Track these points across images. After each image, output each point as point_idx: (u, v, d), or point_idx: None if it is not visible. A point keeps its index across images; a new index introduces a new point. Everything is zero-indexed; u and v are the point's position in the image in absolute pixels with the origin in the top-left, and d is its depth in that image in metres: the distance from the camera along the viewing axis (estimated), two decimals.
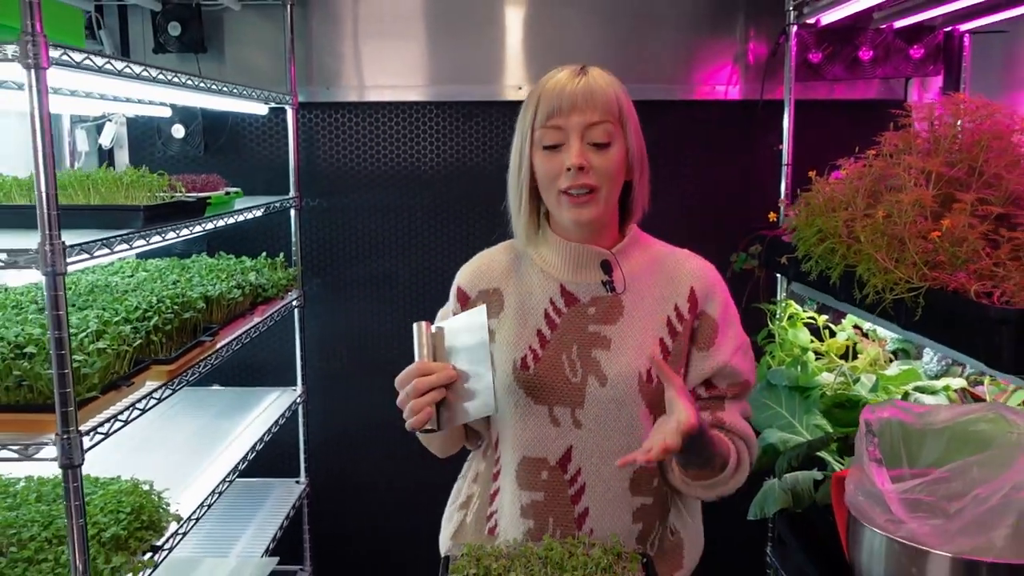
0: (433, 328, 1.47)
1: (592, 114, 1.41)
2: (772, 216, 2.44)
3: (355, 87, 3.17)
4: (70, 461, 1.51)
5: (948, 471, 1.14)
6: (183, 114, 3.06)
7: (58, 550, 1.62)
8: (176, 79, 1.98)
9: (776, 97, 2.99)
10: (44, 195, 1.43)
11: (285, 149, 3.16)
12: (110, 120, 3.02)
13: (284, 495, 3.05)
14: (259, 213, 2.66)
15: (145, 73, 1.77)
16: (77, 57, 1.51)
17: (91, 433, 1.57)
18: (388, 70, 3.17)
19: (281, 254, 3.02)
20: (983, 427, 1.25)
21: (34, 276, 2.01)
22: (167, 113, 3.03)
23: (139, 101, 2.80)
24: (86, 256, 1.57)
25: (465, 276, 1.62)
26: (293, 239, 3.12)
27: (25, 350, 1.56)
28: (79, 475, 1.53)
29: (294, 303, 3.05)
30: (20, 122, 2.78)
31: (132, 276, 2.42)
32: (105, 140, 3.02)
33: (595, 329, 1.48)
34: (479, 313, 1.44)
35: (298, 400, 3.12)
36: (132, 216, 1.80)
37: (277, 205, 2.88)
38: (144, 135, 3.17)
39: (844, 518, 1.29)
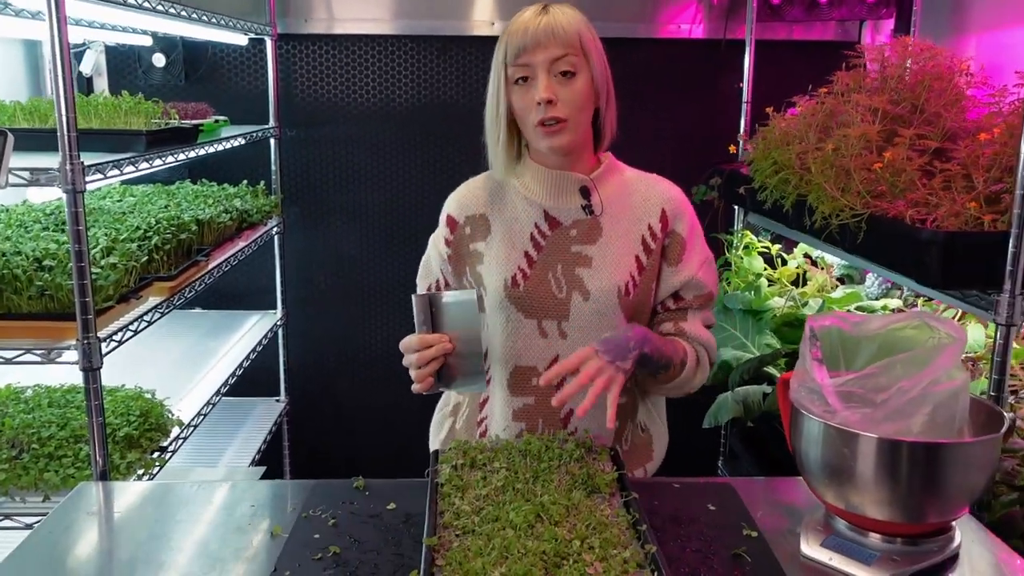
0: (425, 292, 1.62)
1: (555, 49, 1.54)
2: (732, 148, 2.60)
3: (332, 19, 3.24)
4: (90, 364, 1.65)
5: (876, 367, 1.33)
6: (164, 43, 3.12)
7: (76, 447, 1.77)
8: (162, 7, 2.05)
9: (738, 37, 3.13)
10: (64, 119, 1.54)
11: (263, 80, 3.23)
12: (90, 48, 3.07)
13: (266, 412, 3.21)
14: (243, 141, 2.75)
15: (146, 4, 1.86)
16: None
17: (107, 340, 1.70)
18: (364, 2, 3.24)
19: (261, 182, 3.12)
20: (910, 333, 1.43)
21: (48, 194, 2.11)
22: (148, 42, 3.08)
23: (121, 29, 2.85)
24: (100, 176, 1.68)
25: (453, 204, 1.75)
26: (273, 168, 3.22)
27: (44, 263, 1.68)
28: (98, 377, 1.66)
29: (274, 230, 3.17)
30: (1, 48, 2.83)
31: (121, 200, 2.51)
32: (86, 68, 3.06)
33: (577, 249, 1.64)
34: (469, 295, 1.57)
35: (278, 323, 3.26)
36: (135, 140, 1.91)
37: (258, 134, 2.98)
38: (124, 63, 3.22)
39: (788, 413, 1.48)
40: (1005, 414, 1.35)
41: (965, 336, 1.36)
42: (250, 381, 3.05)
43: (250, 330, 3.09)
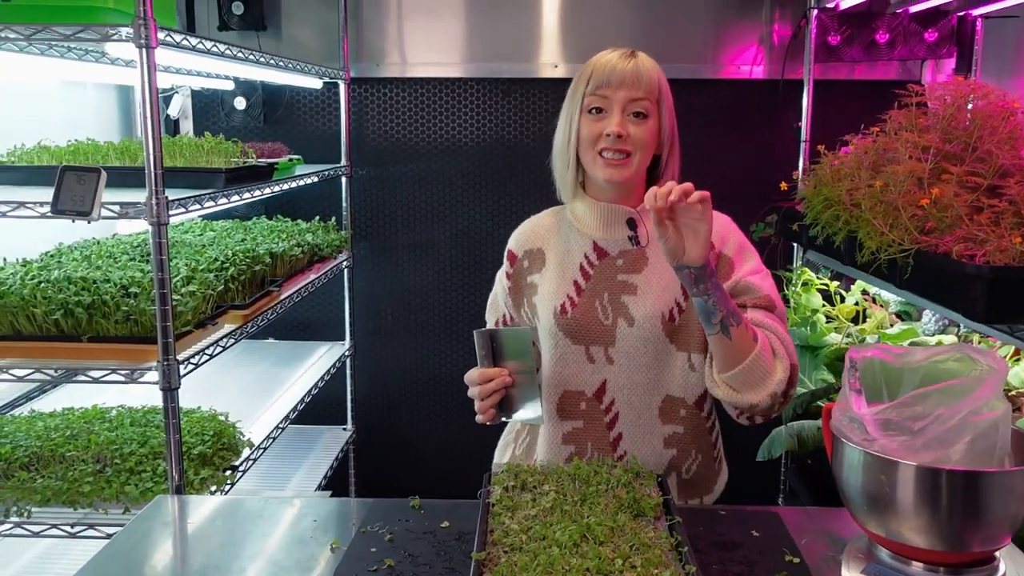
0: (486, 328, 1.75)
1: (636, 91, 1.64)
2: (784, 185, 2.63)
3: (403, 64, 3.40)
4: (169, 384, 1.77)
5: (911, 396, 1.36)
6: (244, 87, 3.31)
7: (154, 463, 1.89)
8: (242, 54, 2.20)
9: (797, 77, 3.18)
10: (152, 157, 1.68)
11: (336, 121, 3.40)
12: (177, 92, 3.28)
13: (332, 440, 3.32)
14: (316, 179, 2.90)
15: (229, 52, 2.01)
16: (177, 38, 1.76)
17: (185, 363, 1.82)
18: (432, 47, 3.40)
19: (332, 218, 3.27)
20: (952, 365, 1.45)
21: (135, 227, 2.26)
22: (230, 87, 3.28)
23: (206, 75, 3.05)
24: (182, 210, 1.82)
25: (514, 239, 1.86)
26: (344, 204, 3.37)
27: (130, 290, 1.82)
28: (176, 397, 1.79)
29: (344, 264, 3.30)
30: (97, 92, 3.04)
31: (202, 234, 2.67)
32: (173, 111, 3.27)
33: (623, 278, 1.71)
34: (524, 330, 1.69)
35: (346, 353, 3.38)
36: (215, 178, 2.05)
37: (330, 173, 3.13)
38: (208, 107, 3.42)
39: (830, 441, 1.51)
40: None
41: (1006, 367, 1.38)
42: (318, 410, 3.17)
43: (319, 360, 3.22)
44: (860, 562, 1.40)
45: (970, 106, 2.09)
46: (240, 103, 3.33)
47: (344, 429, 3.45)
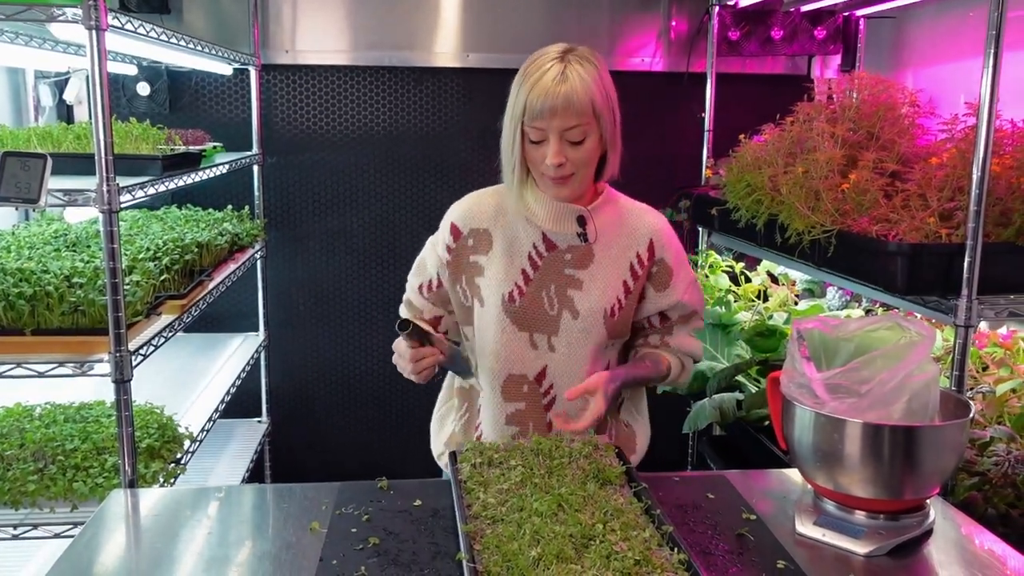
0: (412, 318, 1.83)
1: (568, 119, 1.67)
2: (708, 172, 2.76)
3: (313, 51, 3.37)
4: (122, 376, 1.73)
5: (858, 362, 1.50)
6: (148, 72, 3.20)
7: (101, 459, 1.83)
8: (167, 37, 2.11)
9: (697, 70, 3.35)
10: (102, 143, 1.64)
11: (243, 108, 3.33)
12: (74, 75, 3.13)
13: (248, 433, 3.27)
14: (234, 167, 2.84)
15: (165, 36, 1.96)
16: (123, 20, 1.71)
17: (134, 354, 1.78)
18: (344, 35, 3.38)
19: (245, 207, 3.21)
20: (883, 333, 1.61)
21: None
22: (132, 71, 3.16)
23: (109, 57, 2.92)
24: (130, 197, 1.77)
25: (458, 214, 1.86)
26: (256, 193, 3.31)
27: (73, 280, 1.76)
28: (129, 389, 1.74)
29: (257, 254, 3.25)
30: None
31: None
32: (70, 96, 3.12)
33: (570, 272, 1.80)
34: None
35: (262, 345, 3.33)
36: (152, 165, 2.00)
37: (244, 161, 3.07)
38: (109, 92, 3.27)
39: (778, 408, 1.64)
40: (971, 402, 1.53)
41: (934, 334, 1.54)
42: (232, 402, 3.10)
43: (236, 352, 3.16)
44: (811, 515, 1.54)
45: (856, 96, 2.28)
46: (144, 88, 3.21)
47: (259, 421, 3.40)
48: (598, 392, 1.70)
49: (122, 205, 1.73)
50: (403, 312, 1.93)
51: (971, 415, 1.51)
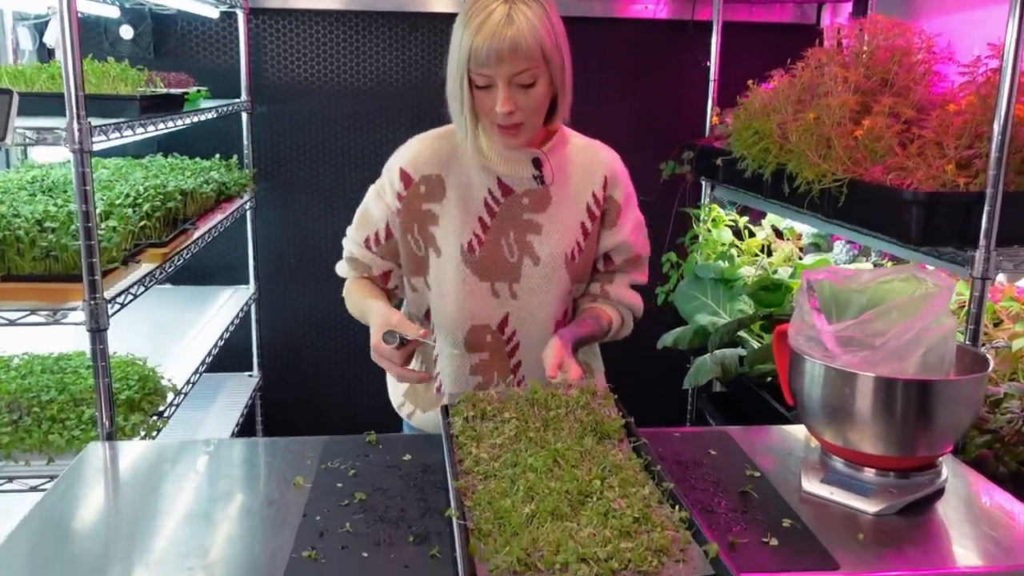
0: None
1: (517, 64, 1.56)
2: (715, 120, 2.65)
3: None
4: (98, 325, 1.65)
5: (872, 314, 1.42)
6: (132, 15, 3.08)
7: (79, 411, 1.76)
8: None
9: (699, 18, 3.23)
10: (72, 79, 1.54)
11: (231, 55, 3.22)
12: (53, 16, 3.01)
13: (239, 387, 3.20)
14: (220, 113, 2.74)
15: None
16: None
17: (111, 303, 1.70)
18: None
19: (234, 156, 3.11)
20: (897, 285, 1.53)
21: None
22: (115, 13, 3.04)
23: None
24: (103, 138, 1.68)
25: (407, 159, 1.75)
26: (245, 142, 3.21)
27: (45, 224, 1.67)
28: (105, 338, 1.67)
29: (247, 205, 3.16)
30: None
31: (97, 172, 2.48)
32: (51, 39, 3.01)
33: (528, 217, 1.73)
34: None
35: (252, 298, 3.25)
36: (130, 105, 1.90)
37: (231, 108, 2.96)
38: (89, 35, 3.16)
39: (785, 362, 1.56)
40: (988, 356, 1.46)
41: (952, 284, 1.46)
42: (221, 356, 3.03)
43: (225, 304, 3.08)
44: (818, 472, 1.47)
45: (873, 41, 2.18)
46: (127, 32, 3.08)
47: (250, 376, 3.33)
48: (568, 361, 1.63)
49: (97, 147, 1.64)
50: (343, 271, 1.84)
51: (988, 369, 1.44)
